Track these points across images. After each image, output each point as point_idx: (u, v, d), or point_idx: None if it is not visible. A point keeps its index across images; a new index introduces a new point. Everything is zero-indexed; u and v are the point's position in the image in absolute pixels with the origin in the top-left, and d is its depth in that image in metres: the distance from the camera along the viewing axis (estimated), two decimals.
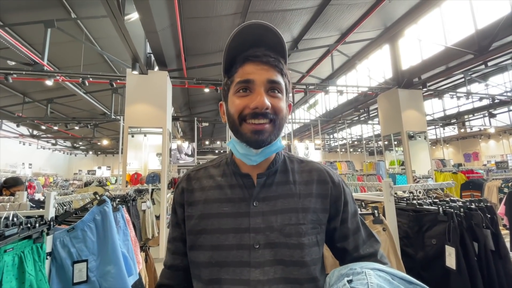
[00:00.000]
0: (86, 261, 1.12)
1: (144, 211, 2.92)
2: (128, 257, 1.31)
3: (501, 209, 2.97)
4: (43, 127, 9.08)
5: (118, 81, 4.82)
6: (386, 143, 6.58)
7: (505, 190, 3.51)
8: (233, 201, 0.59)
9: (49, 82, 4.63)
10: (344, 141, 13.65)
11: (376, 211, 1.12)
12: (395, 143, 6.28)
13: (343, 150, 14.48)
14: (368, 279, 0.43)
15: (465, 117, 9.97)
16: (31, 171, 11.81)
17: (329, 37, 5.82)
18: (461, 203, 1.23)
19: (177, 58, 5.52)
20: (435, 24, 5.86)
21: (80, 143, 14.25)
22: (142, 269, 1.97)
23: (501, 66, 7.75)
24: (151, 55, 4.76)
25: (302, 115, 12.65)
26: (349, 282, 0.44)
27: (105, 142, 11.21)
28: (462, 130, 12.35)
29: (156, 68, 4.91)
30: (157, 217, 3.85)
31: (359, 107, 8.16)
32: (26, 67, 4.23)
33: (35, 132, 10.70)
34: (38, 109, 8.11)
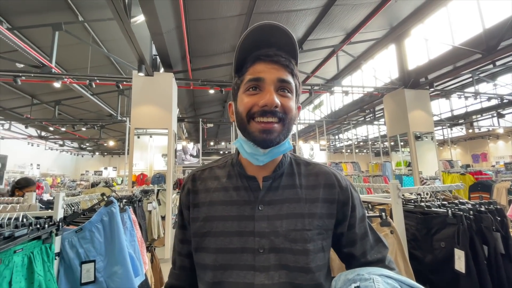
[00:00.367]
0: (93, 261, 1.13)
1: (150, 212, 2.94)
2: (135, 257, 1.32)
3: (510, 211, 2.91)
4: (51, 128, 9.24)
5: (124, 82, 4.87)
6: (392, 143, 6.51)
7: None
8: (238, 203, 0.58)
9: (57, 84, 4.71)
10: (350, 142, 13.55)
11: (384, 213, 1.11)
12: (402, 143, 6.21)
13: (348, 151, 14.37)
14: (376, 286, 0.42)
15: (473, 117, 9.81)
16: (39, 171, 12.00)
17: (334, 37, 5.79)
18: (470, 206, 1.21)
19: (182, 60, 5.55)
20: (442, 24, 5.78)
21: (87, 144, 14.45)
22: (148, 269, 1.98)
23: (510, 65, 7.60)
24: (157, 57, 4.80)
25: (307, 115, 12.60)
26: None
27: (111, 143, 11.34)
28: (470, 131, 12.16)
29: (161, 70, 4.95)
30: (162, 217, 3.88)
31: (365, 107, 8.09)
32: (35, 70, 4.30)
33: (43, 133, 10.88)
34: (46, 110, 8.25)
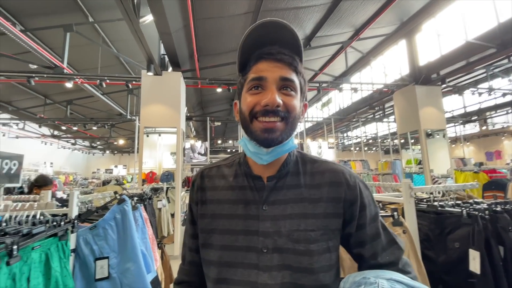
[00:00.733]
0: (107, 258, 1.16)
1: (160, 209, 2.99)
2: (147, 254, 1.34)
3: None
4: (63, 127, 9.47)
5: (134, 82, 4.94)
6: (402, 141, 6.39)
7: None
8: (243, 203, 0.59)
9: (69, 84, 4.82)
10: (358, 140, 13.38)
11: (396, 213, 1.09)
12: (412, 141, 6.09)
13: (357, 148, 14.20)
14: None
15: (487, 114, 9.53)
16: (52, 169, 12.33)
17: (342, 33, 5.71)
18: (486, 206, 1.18)
19: (190, 59, 5.59)
20: (454, 18, 5.62)
21: (98, 142, 14.75)
22: (159, 266, 2.01)
23: None
24: (165, 56, 4.84)
25: (315, 113, 12.50)
26: None
27: (121, 142, 11.54)
28: (484, 128, 11.82)
29: (169, 69, 5.00)
30: (171, 215, 3.93)
31: (374, 104, 7.97)
32: (47, 70, 4.41)
33: (55, 133, 11.17)
34: (59, 110, 8.45)
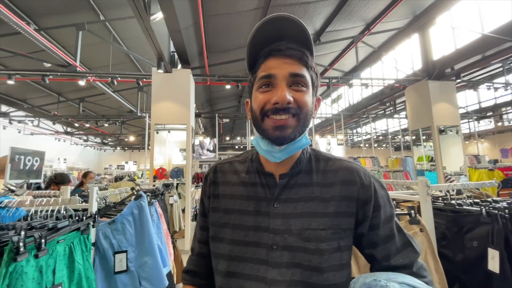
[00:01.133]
0: (125, 252, 1.19)
1: (171, 205, 3.04)
2: (163, 249, 1.38)
3: None
4: (76, 124, 9.69)
5: (144, 79, 5.00)
6: (413, 138, 6.27)
7: None
8: (255, 199, 0.59)
9: (82, 82, 4.92)
10: (368, 136, 13.20)
11: (413, 211, 1.08)
12: (424, 138, 5.97)
13: (366, 145, 14.02)
14: None
15: (503, 109, 9.22)
16: (65, 165, 12.67)
17: (353, 28, 5.61)
18: (506, 204, 1.15)
19: (199, 56, 5.61)
20: (470, 11, 5.44)
21: (109, 139, 15.05)
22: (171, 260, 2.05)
23: None
24: (175, 53, 4.87)
25: (324, 109, 12.38)
26: None
27: (131, 138, 11.74)
28: (499, 124, 11.45)
29: (179, 66, 5.03)
30: (182, 210, 4.00)
31: (385, 100, 7.83)
32: (61, 69, 4.51)
33: (69, 129, 11.45)
34: (71, 107, 8.65)
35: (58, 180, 2.81)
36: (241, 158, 0.68)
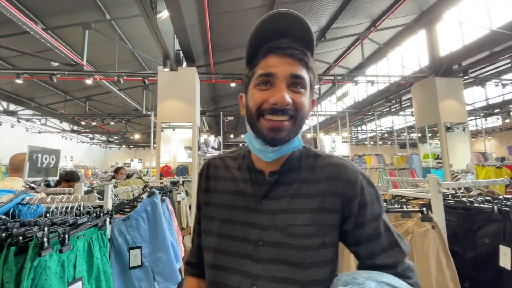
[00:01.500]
0: (140, 247, 1.22)
1: (179, 202, 3.08)
2: (175, 245, 1.41)
3: None
4: (83, 122, 9.78)
5: (150, 78, 5.03)
6: (419, 135, 6.22)
7: None
8: (244, 195, 0.60)
9: (89, 81, 4.97)
10: (373, 133, 13.12)
11: (425, 208, 1.08)
12: (430, 135, 5.92)
13: (371, 142, 13.95)
14: None
15: (511, 106, 9.09)
16: (72, 163, 12.83)
17: (359, 24, 5.57)
18: None
19: (204, 54, 5.62)
20: (478, 6, 5.35)
21: (115, 137, 15.18)
22: None
23: None
24: (180, 51, 4.89)
25: (329, 106, 12.32)
26: None
27: (137, 136, 11.83)
28: (507, 121, 11.28)
29: (184, 64, 5.05)
30: (189, 207, 4.04)
31: (391, 97, 7.77)
32: (68, 68, 4.55)
33: (75, 128, 11.57)
34: (78, 106, 8.74)
35: (68, 177, 2.90)
36: (234, 154, 0.69)
